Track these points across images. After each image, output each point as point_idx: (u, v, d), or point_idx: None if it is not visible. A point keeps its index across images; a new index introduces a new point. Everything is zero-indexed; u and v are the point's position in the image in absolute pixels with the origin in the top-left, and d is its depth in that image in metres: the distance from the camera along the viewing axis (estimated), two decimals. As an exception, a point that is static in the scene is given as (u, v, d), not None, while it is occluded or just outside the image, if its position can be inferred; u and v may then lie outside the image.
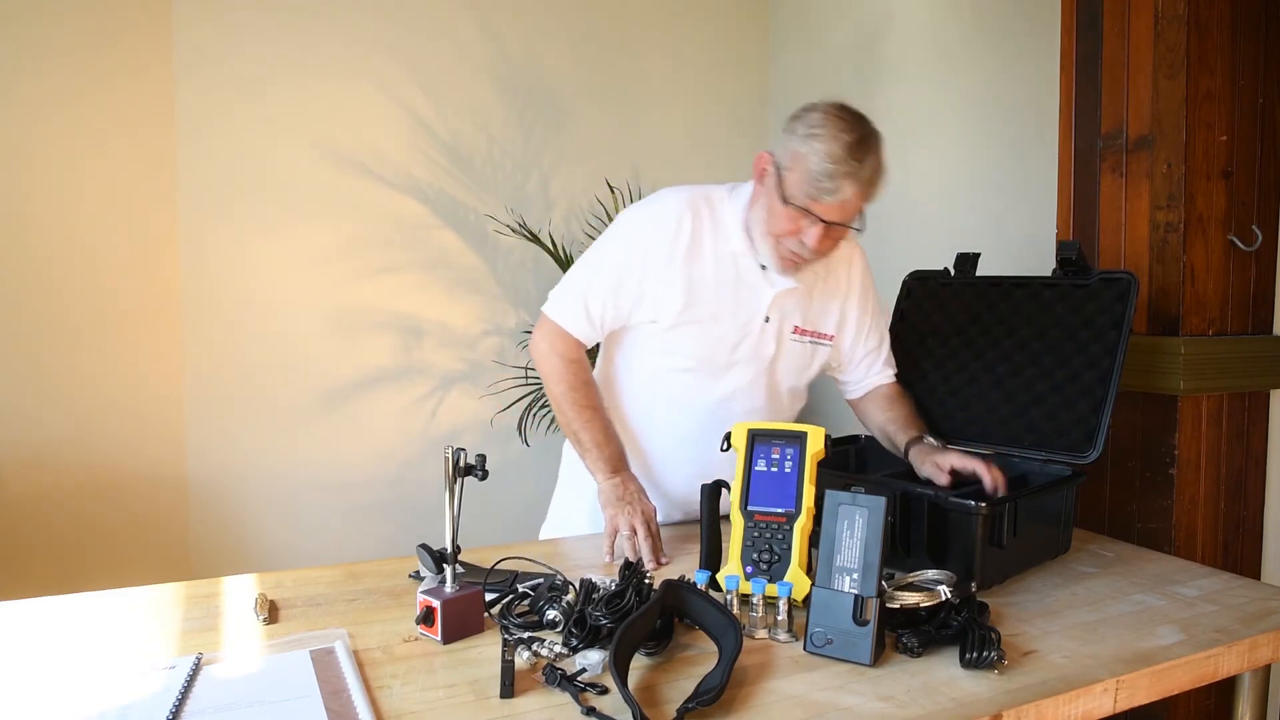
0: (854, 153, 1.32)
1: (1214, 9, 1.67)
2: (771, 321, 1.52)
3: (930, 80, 2.63)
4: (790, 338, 1.55)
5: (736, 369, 1.53)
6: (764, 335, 1.52)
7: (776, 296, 1.50)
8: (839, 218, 1.37)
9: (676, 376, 1.54)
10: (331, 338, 2.88)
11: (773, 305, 1.51)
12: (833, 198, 1.34)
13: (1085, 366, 1.47)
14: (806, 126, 1.36)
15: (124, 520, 2.64)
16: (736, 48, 3.46)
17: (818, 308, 1.57)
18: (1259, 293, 1.78)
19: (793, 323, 1.54)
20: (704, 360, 1.51)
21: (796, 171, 1.36)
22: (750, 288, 1.50)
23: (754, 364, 1.53)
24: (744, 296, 1.50)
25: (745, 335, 1.51)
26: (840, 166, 1.32)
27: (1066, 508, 1.42)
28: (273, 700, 0.93)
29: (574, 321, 1.53)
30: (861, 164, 1.33)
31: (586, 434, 1.50)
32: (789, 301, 1.53)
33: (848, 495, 1.08)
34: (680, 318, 1.48)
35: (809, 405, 1.72)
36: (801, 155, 1.35)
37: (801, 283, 1.51)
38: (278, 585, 1.30)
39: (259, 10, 2.74)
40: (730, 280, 1.49)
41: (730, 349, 1.51)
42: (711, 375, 1.53)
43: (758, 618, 1.13)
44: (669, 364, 1.53)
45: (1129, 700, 1.02)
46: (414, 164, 2.95)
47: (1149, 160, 1.72)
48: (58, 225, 2.52)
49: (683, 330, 1.49)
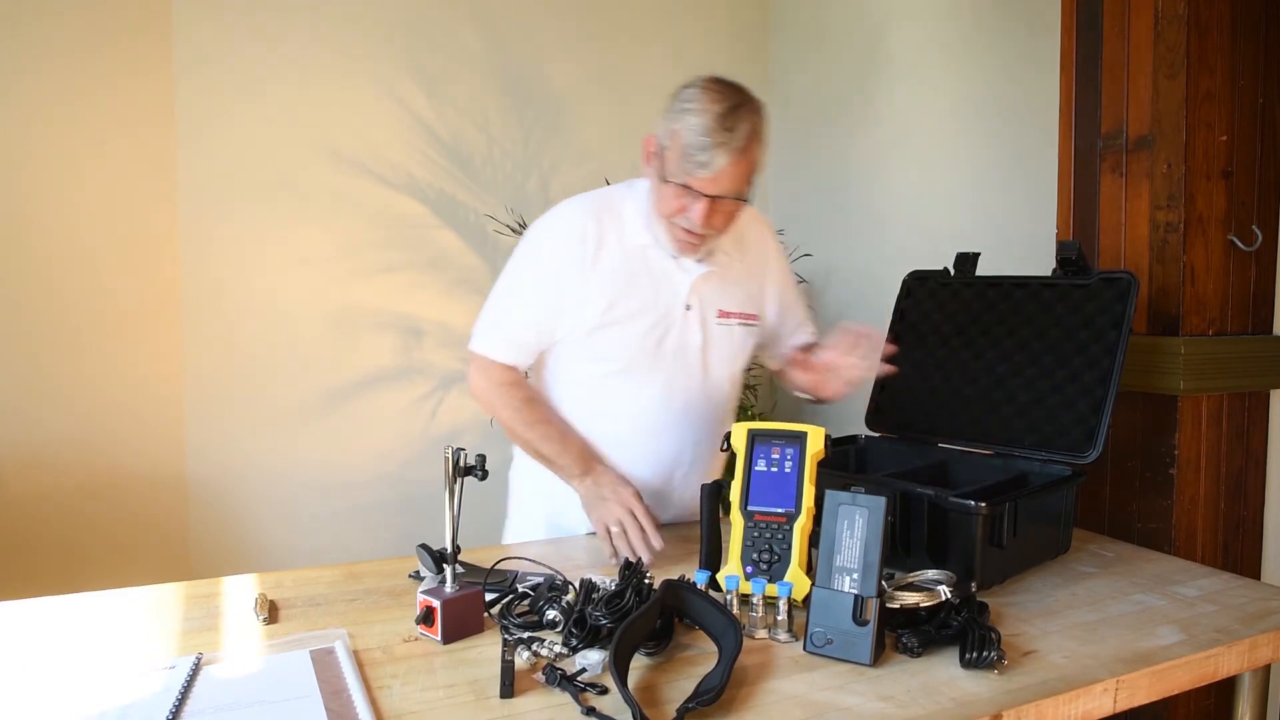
0: (724, 122, 1.31)
1: (1214, 9, 1.67)
2: (693, 309, 1.51)
3: (930, 80, 2.63)
4: (716, 323, 1.53)
5: (668, 363, 1.51)
6: (688, 324, 1.51)
7: (694, 283, 1.49)
8: (718, 190, 1.35)
9: (609, 380, 1.52)
10: (332, 337, 2.88)
11: (691, 292, 1.50)
12: (707, 170, 1.32)
13: (1085, 366, 1.47)
14: (680, 103, 1.36)
15: (124, 520, 2.64)
16: (736, 48, 3.46)
17: (739, 290, 1.56)
18: (1259, 293, 1.78)
19: (716, 307, 1.53)
20: (631, 359, 1.50)
21: (674, 149, 1.35)
22: (665, 278, 1.49)
23: (684, 356, 1.52)
24: (660, 288, 1.49)
25: (669, 327, 1.50)
26: (711, 138, 1.31)
27: (1066, 508, 1.42)
28: (273, 700, 0.93)
29: (502, 350, 1.52)
30: (732, 133, 1.31)
31: (546, 447, 1.48)
32: (707, 287, 1.52)
33: (848, 495, 1.08)
34: (601, 320, 1.47)
35: (808, 405, 1.72)
36: (676, 132, 1.34)
37: (716, 265, 1.51)
38: (278, 585, 1.30)
39: (259, 10, 2.74)
40: (643, 274, 1.48)
41: (656, 343, 1.50)
42: (644, 373, 1.51)
43: (758, 618, 1.13)
44: (600, 369, 1.51)
45: (1129, 700, 1.02)
46: (414, 164, 2.95)
47: (1149, 160, 1.72)
48: (58, 225, 2.52)
49: (605, 333, 1.48)
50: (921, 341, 1.70)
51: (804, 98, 3.30)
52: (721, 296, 1.54)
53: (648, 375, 1.51)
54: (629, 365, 1.50)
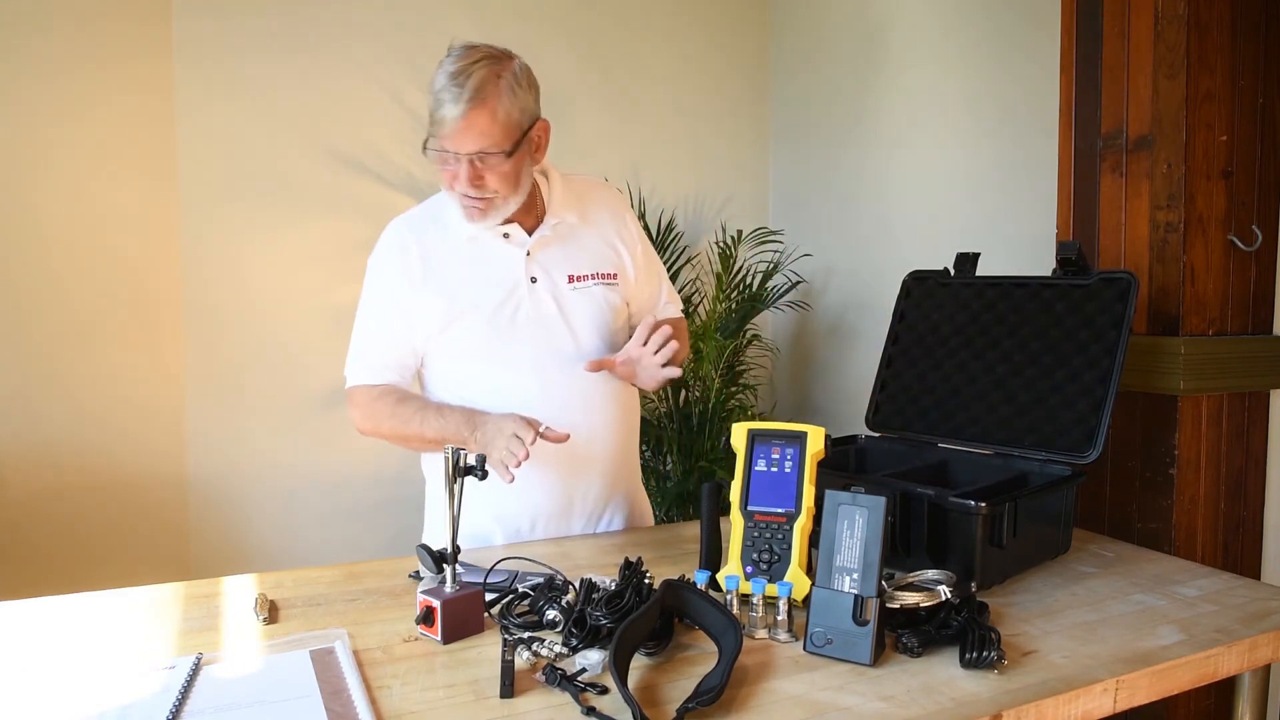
0: (455, 79, 1.33)
1: (1214, 9, 1.67)
2: (539, 280, 1.51)
3: (930, 80, 2.63)
4: (569, 289, 1.53)
5: (527, 336, 1.50)
6: (536, 297, 1.51)
7: (533, 255, 1.51)
8: (467, 146, 1.36)
9: (477, 368, 1.51)
10: (332, 337, 2.87)
11: (532, 265, 1.51)
12: (447, 126, 1.34)
13: (1085, 366, 1.47)
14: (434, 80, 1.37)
15: (124, 520, 2.64)
16: (736, 48, 3.46)
17: (587, 253, 1.56)
18: (1259, 293, 1.78)
19: (564, 273, 1.53)
20: (486, 343, 1.49)
21: (429, 119, 1.38)
22: (499, 258, 1.50)
23: (544, 326, 1.51)
24: (495, 270, 1.50)
25: (518, 304, 1.49)
26: (442, 95, 1.34)
27: (1066, 508, 1.42)
28: (273, 700, 0.93)
29: (373, 374, 1.54)
30: (463, 86, 1.33)
31: (431, 428, 1.46)
32: (547, 256, 1.52)
33: (848, 495, 1.08)
34: (446, 317, 1.49)
35: (806, 403, 1.72)
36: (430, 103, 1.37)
37: (551, 232, 1.52)
38: (278, 585, 1.30)
39: (259, 11, 2.74)
40: (478, 261, 1.50)
41: (509, 322, 1.49)
42: (507, 351, 1.50)
43: (758, 618, 1.13)
44: (466, 362, 1.52)
45: (1129, 700, 1.02)
46: (414, 164, 2.95)
47: (1149, 160, 1.72)
48: (58, 225, 2.52)
49: (455, 327, 1.49)
50: (921, 341, 1.70)
51: (804, 98, 3.30)
52: (568, 263, 1.54)
53: (511, 351, 1.50)
54: (486, 348, 1.49)
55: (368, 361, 1.55)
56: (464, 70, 1.33)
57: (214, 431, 2.77)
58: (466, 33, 2.99)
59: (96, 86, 2.55)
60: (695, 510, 3.03)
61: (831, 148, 3.13)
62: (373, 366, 1.54)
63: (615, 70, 3.25)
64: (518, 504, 1.52)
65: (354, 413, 1.56)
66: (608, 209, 1.62)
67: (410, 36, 2.92)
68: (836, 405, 3.13)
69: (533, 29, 3.09)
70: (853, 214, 3.03)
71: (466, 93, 1.32)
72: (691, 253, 3.31)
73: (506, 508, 1.52)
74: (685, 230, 3.34)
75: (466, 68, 1.34)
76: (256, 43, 2.74)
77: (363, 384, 1.55)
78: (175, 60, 2.66)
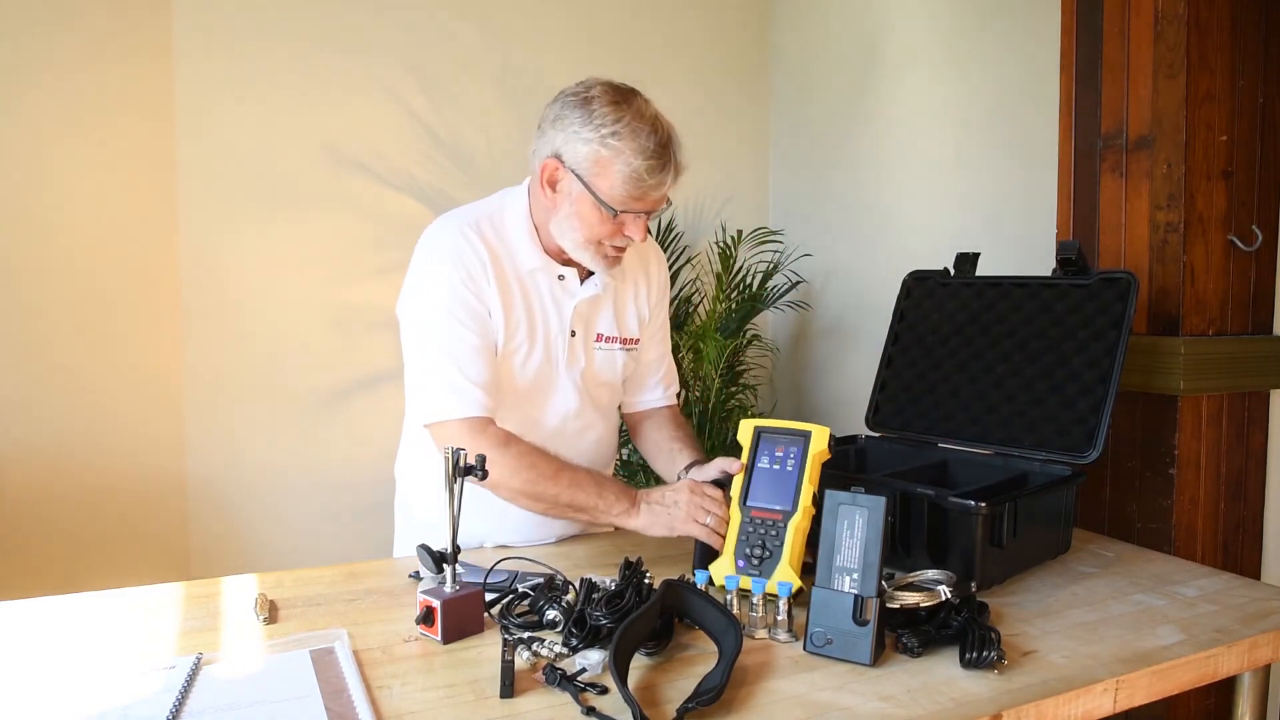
0: (662, 149, 1.30)
1: (1214, 9, 1.67)
2: (577, 335, 1.47)
3: (930, 80, 2.63)
4: (595, 347, 1.50)
5: (564, 387, 1.47)
6: (573, 351, 1.47)
7: (577, 307, 1.46)
8: (660, 205, 1.37)
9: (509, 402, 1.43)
10: (332, 337, 2.88)
11: (575, 317, 1.46)
12: (658, 191, 1.33)
13: (1085, 366, 1.47)
14: (597, 127, 1.29)
15: (124, 520, 2.64)
16: (736, 48, 3.46)
17: (618, 314, 1.53)
18: (1259, 293, 1.78)
19: (596, 332, 1.50)
20: (533, 379, 1.44)
21: (607, 176, 1.30)
22: (554, 301, 1.45)
23: (573, 379, 1.48)
24: (549, 310, 1.44)
25: (558, 352, 1.46)
26: (657, 161, 1.30)
27: (1066, 508, 1.42)
28: (273, 700, 0.93)
29: (473, 403, 1.34)
30: (667, 148, 1.32)
31: (581, 495, 1.34)
32: (588, 310, 1.49)
33: (848, 495, 1.08)
34: (504, 346, 1.40)
35: (806, 403, 1.72)
36: (607, 159, 1.29)
37: (600, 289, 1.47)
38: (278, 585, 1.30)
39: (259, 10, 2.74)
40: (533, 297, 1.43)
41: (550, 365, 1.45)
42: (543, 397, 1.46)
43: (758, 618, 1.13)
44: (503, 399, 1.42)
45: (1129, 700, 1.02)
46: (414, 164, 2.95)
47: (1149, 160, 1.72)
48: (58, 224, 2.52)
49: (506, 359, 1.41)
50: (921, 341, 1.70)
51: (804, 97, 3.30)
52: (600, 320, 1.51)
53: (545, 395, 1.46)
54: (529, 384, 1.44)
55: (475, 379, 1.33)
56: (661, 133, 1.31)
57: (213, 431, 2.77)
58: (467, 33, 3.00)
59: (96, 86, 2.55)
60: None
61: (831, 148, 3.13)
62: (484, 387, 1.34)
63: (616, 71, 3.22)
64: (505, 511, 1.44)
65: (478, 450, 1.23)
66: (644, 270, 1.58)
67: (411, 37, 2.92)
68: (836, 405, 3.13)
69: (533, 29, 3.09)
70: (853, 214, 3.03)
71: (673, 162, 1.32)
72: (691, 253, 3.31)
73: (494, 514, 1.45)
74: (685, 230, 3.34)
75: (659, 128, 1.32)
76: (256, 43, 2.74)
77: (474, 416, 1.33)
78: (175, 60, 2.66)
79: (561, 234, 1.38)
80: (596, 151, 1.30)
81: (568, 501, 1.34)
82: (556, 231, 1.38)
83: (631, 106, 1.32)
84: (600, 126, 1.29)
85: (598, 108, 1.30)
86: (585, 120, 1.30)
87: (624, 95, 1.33)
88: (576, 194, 1.33)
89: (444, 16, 2.97)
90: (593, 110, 1.30)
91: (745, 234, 3.16)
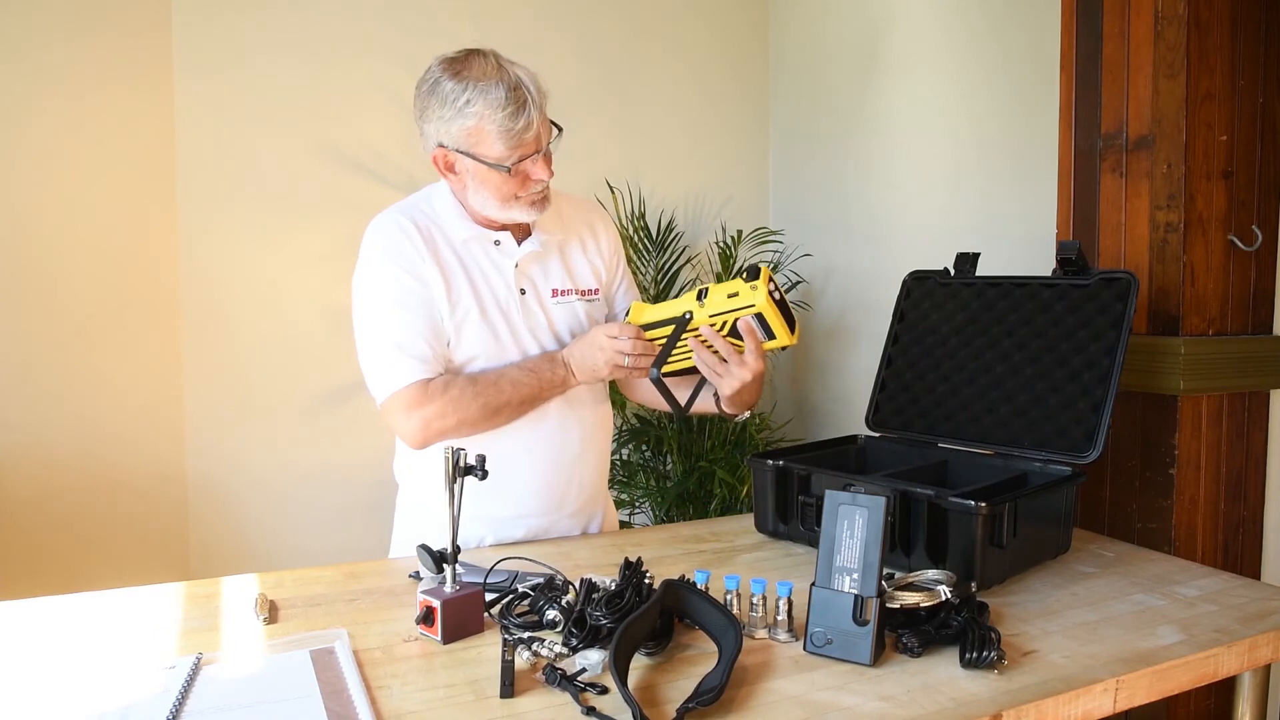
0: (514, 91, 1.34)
1: (1214, 9, 1.67)
2: (528, 293, 1.51)
3: (930, 80, 2.64)
4: (552, 303, 1.54)
5: (525, 347, 1.51)
6: (527, 307, 1.51)
7: (519, 265, 1.50)
8: (546, 138, 1.41)
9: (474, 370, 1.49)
10: (332, 336, 2.88)
11: (520, 277, 1.51)
12: (530, 131, 1.37)
13: (1085, 366, 1.47)
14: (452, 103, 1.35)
15: (124, 519, 2.64)
16: (736, 48, 3.46)
17: (568, 269, 1.57)
18: (1259, 293, 1.78)
19: (550, 287, 1.54)
20: (486, 346, 1.48)
21: (484, 140, 1.36)
22: (492, 265, 1.50)
23: (535, 336, 1.51)
24: (490, 275, 1.49)
25: (511, 311, 1.50)
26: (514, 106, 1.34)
27: (1066, 508, 1.42)
28: (273, 700, 0.93)
29: (428, 369, 1.42)
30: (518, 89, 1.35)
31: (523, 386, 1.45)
32: (533, 268, 1.53)
33: (848, 495, 1.08)
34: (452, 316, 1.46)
35: (806, 403, 1.72)
36: (475, 127, 1.35)
37: (540, 247, 1.52)
38: (278, 585, 1.30)
39: (259, 10, 2.74)
40: (470, 264, 1.49)
41: (505, 328, 1.49)
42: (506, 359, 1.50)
43: (758, 618, 1.13)
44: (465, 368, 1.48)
45: (1129, 700, 1.02)
46: (414, 164, 2.94)
47: (1149, 160, 1.72)
48: (57, 225, 2.52)
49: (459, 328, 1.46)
50: (921, 341, 1.70)
51: (804, 98, 3.30)
52: (552, 277, 1.55)
53: (509, 357, 1.50)
54: (485, 351, 1.48)
55: (414, 354, 1.42)
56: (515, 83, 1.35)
57: (214, 431, 2.77)
58: (467, 34, 2.99)
59: (96, 87, 2.55)
60: (695, 510, 3.03)
61: (831, 147, 3.13)
62: (423, 359, 1.42)
63: (616, 70, 3.25)
64: (506, 508, 1.51)
65: (415, 417, 1.41)
66: (589, 227, 1.63)
67: (410, 37, 2.92)
68: (836, 405, 3.13)
69: (533, 29, 3.09)
70: (853, 214, 3.03)
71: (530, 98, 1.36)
72: (691, 253, 3.31)
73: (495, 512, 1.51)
74: (685, 230, 3.34)
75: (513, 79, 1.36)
76: (256, 43, 2.74)
77: (416, 380, 1.41)
78: (175, 60, 2.66)
79: (482, 205, 1.45)
80: (463, 125, 1.36)
81: (519, 399, 1.46)
82: (476, 205, 1.46)
83: (472, 69, 1.36)
84: (454, 102, 1.35)
85: (445, 85, 1.36)
86: (441, 102, 1.37)
87: (462, 63, 1.38)
88: (471, 168, 1.40)
89: (444, 17, 2.97)
90: (443, 90, 1.37)
91: (745, 234, 3.16)
